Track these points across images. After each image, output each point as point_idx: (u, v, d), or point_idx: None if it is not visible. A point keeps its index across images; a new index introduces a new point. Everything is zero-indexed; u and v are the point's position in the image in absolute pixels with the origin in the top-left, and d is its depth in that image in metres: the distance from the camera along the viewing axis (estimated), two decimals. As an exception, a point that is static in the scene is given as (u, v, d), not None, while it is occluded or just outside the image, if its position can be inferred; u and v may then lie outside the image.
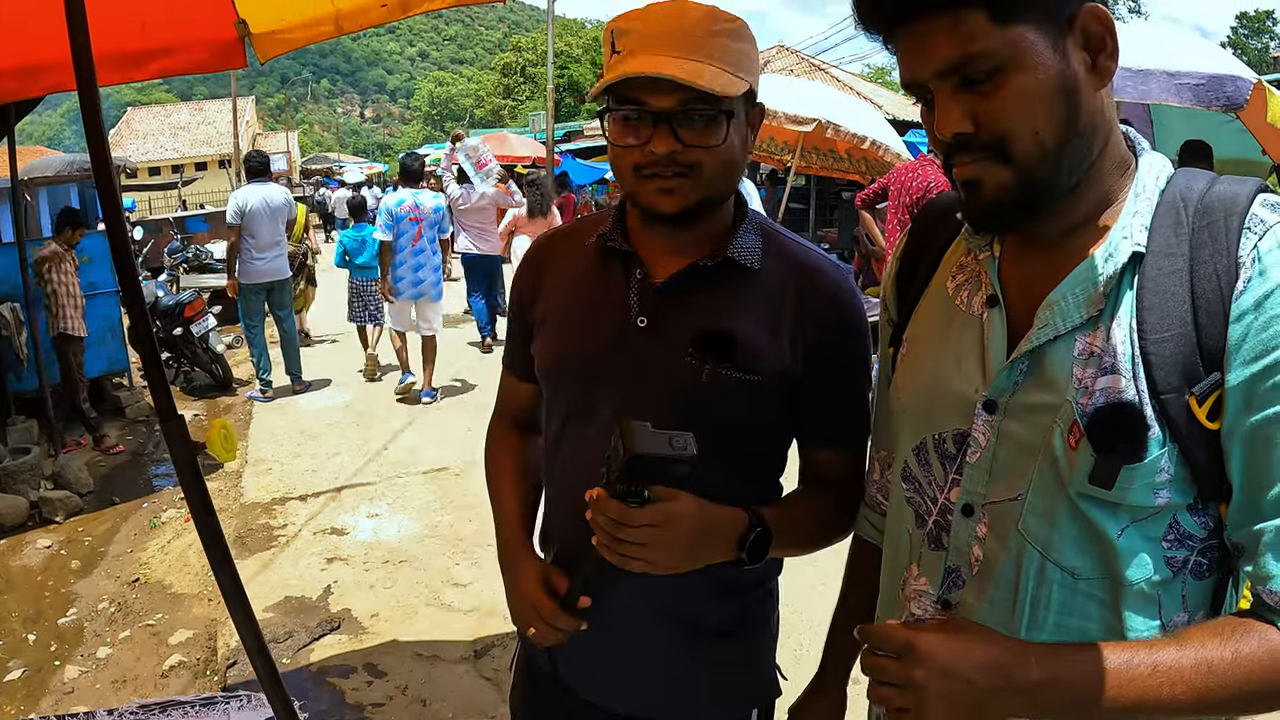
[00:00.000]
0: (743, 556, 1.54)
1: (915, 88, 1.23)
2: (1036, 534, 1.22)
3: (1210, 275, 1.12)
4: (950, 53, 1.14)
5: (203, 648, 4.71)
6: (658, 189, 1.55)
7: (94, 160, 2.20)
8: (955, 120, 1.17)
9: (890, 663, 1.16)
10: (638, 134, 1.54)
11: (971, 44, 1.12)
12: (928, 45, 1.16)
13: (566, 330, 1.73)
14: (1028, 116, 1.14)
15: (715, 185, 1.58)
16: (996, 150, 1.16)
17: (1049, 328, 1.21)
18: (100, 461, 7.73)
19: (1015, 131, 1.15)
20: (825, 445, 1.77)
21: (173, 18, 3.49)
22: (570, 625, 1.61)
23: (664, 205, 1.56)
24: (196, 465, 2.29)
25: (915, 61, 1.19)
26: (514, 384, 1.97)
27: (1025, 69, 1.12)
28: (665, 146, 1.51)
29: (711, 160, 1.54)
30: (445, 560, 5.57)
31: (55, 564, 5.85)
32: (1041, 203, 1.21)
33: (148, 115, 63.12)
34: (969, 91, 1.15)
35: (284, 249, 9.49)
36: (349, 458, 7.58)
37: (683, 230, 1.62)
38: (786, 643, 2.27)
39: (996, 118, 1.15)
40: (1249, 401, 1.09)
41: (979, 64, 1.13)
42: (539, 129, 23.65)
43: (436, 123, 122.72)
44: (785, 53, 23.55)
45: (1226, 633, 1.10)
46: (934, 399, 1.37)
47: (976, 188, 1.21)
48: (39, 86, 3.73)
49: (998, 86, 1.13)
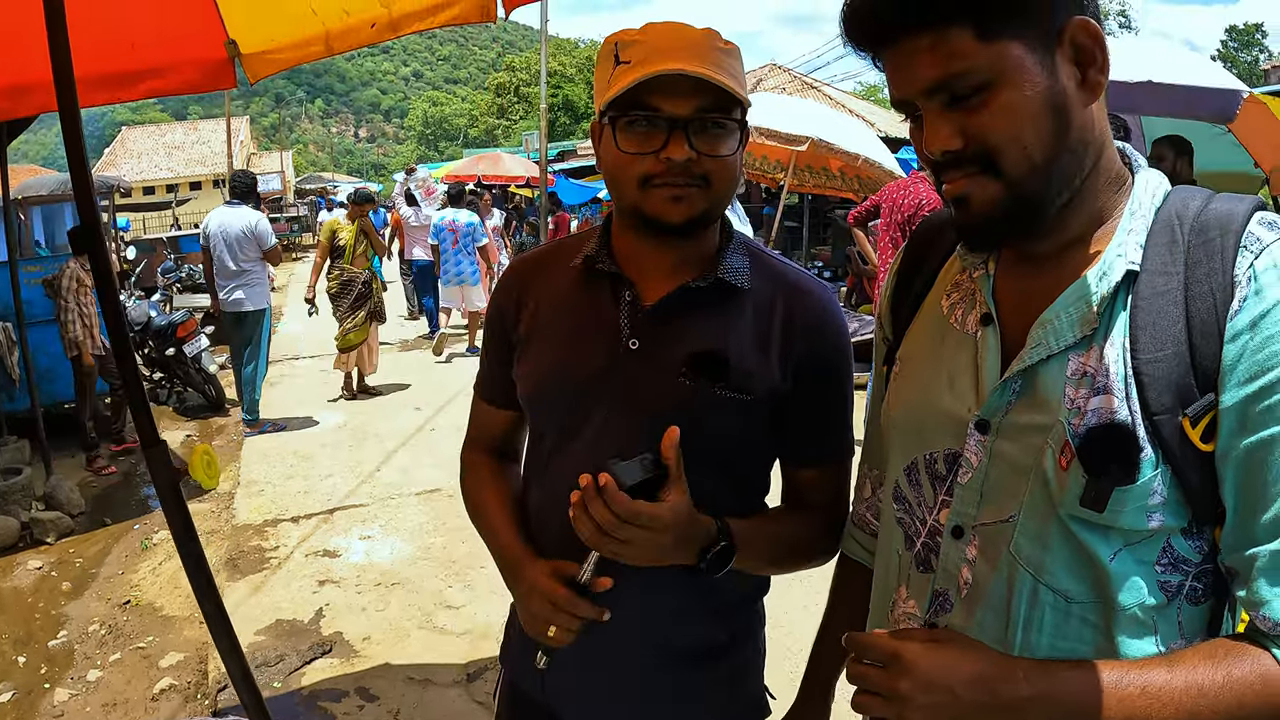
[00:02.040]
0: (701, 567, 1.53)
1: (904, 105, 1.22)
2: (1029, 556, 1.21)
3: (1205, 294, 1.11)
4: (936, 71, 1.14)
5: (194, 671, 4.67)
6: (669, 197, 1.53)
7: (74, 180, 2.21)
8: (944, 137, 1.16)
9: (875, 672, 1.15)
10: (650, 142, 1.52)
11: (957, 62, 1.12)
12: (914, 64, 1.16)
13: (554, 354, 1.71)
14: (1016, 131, 1.13)
15: (720, 198, 1.58)
16: (985, 165, 1.16)
17: (1042, 347, 1.20)
18: (92, 482, 7.69)
19: (1003, 146, 1.14)
20: (808, 464, 1.76)
21: (163, 38, 3.50)
22: (592, 612, 1.56)
23: (673, 214, 1.54)
24: (179, 491, 2.28)
25: (902, 80, 1.19)
26: (489, 412, 1.92)
27: (1013, 85, 1.12)
28: (683, 153, 1.50)
29: (721, 172, 1.55)
30: (438, 583, 5.54)
31: (46, 585, 5.81)
32: (1031, 217, 1.20)
33: (142, 134, 63.09)
34: (957, 109, 1.15)
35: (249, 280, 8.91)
36: (341, 479, 7.55)
37: (680, 246, 1.62)
38: (782, 665, 2.25)
39: (984, 133, 1.14)
40: (1243, 423, 1.08)
41: (965, 81, 1.12)
42: (533, 148, 23.68)
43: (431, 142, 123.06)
44: (778, 71, 23.61)
45: (1219, 656, 1.09)
46: (926, 418, 1.36)
47: (966, 203, 1.20)
48: (29, 106, 3.74)
49: (985, 102, 1.13)
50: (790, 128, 8.95)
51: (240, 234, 8.72)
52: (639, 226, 1.62)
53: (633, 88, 1.49)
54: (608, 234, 1.73)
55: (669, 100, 1.50)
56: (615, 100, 1.52)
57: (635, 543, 1.43)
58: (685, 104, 1.49)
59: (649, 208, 1.56)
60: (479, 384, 1.93)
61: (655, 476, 1.45)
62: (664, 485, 1.46)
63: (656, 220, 1.56)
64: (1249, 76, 33.91)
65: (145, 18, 3.37)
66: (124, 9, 3.26)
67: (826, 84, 24.99)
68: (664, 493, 1.45)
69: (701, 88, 1.49)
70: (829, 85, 24.97)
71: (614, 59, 1.54)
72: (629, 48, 1.53)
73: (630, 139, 1.54)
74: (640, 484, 1.42)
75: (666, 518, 1.44)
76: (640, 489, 1.42)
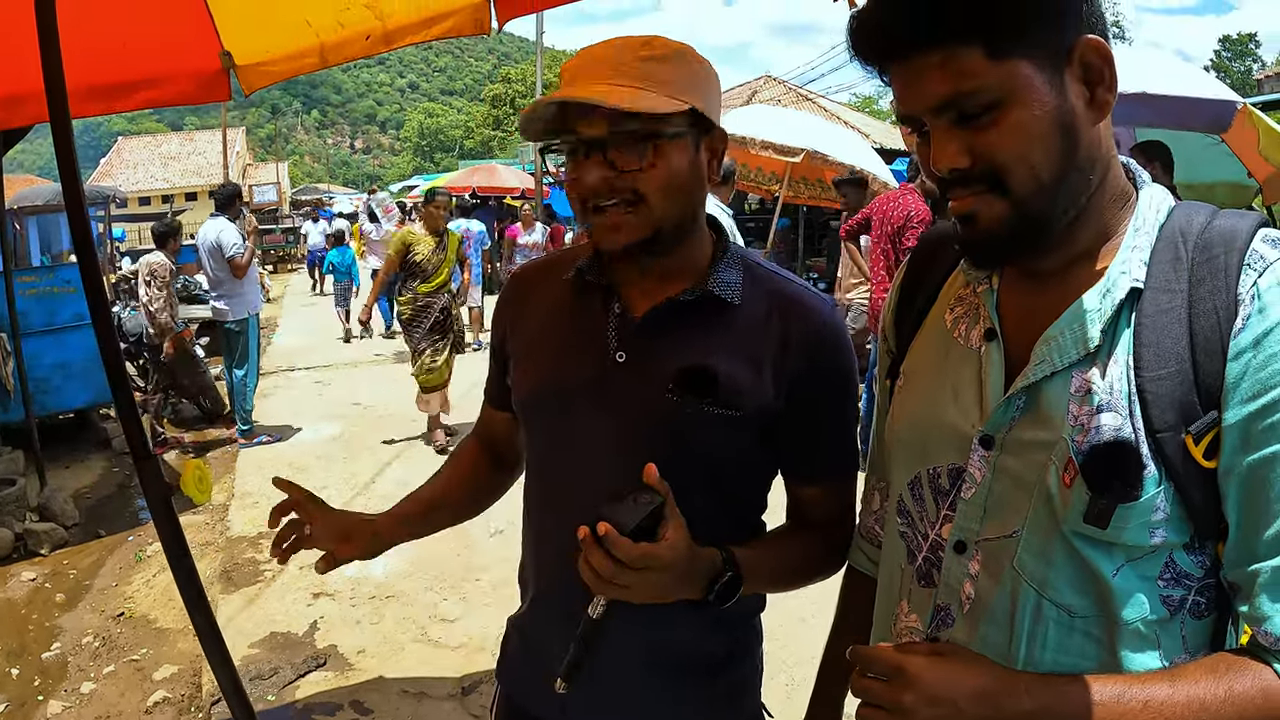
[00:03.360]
0: (710, 599, 1.52)
1: (911, 120, 1.21)
2: (1032, 572, 1.20)
3: (1209, 312, 1.11)
4: (945, 89, 1.13)
5: (187, 684, 4.66)
6: (606, 225, 1.53)
7: (66, 190, 2.20)
8: (951, 155, 1.16)
9: (879, 685, 1.15)
10: (578, 167, 1.53)
11: (967, 80, 1.11)
12: (923, 80, 1.15)
13: (543, 364, 1.71)
14: (1024, 150, 1.12)
15: (666, 214, 1.54)
16: (993, 183, 1.15)
17: (1046, 363, 1.20)
18: (86, 494, 7.67)
19: (1011, 165, 1.13)
20: (811, 481, 1.74)
21: (157, 49, 3.50)
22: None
23: (609, 242, 1.54)
24: (171, 505, 2.28)
25: (910, 96, 1.18)
26: (490, 411, 1.98)
27: (1022, 104, 1.11)
28: (595, 174, 1.49)
29: (651, 185, 1.51)
30: (432, 596, 5.52)
31: (40, 597, 5.79)
32: (1037, 236, 1.19)
33: (138, 145, 63.19)
34: (965, 127, 1.14)
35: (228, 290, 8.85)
36: (336, 491, 7.51)
37: (648, 264, 1.61)
38: (776, 678, 2.23)
39: (993, 152, 1.13)
40: (1246, 441, 1.08)
41: (975, 100, 1.12)
42: (528, 160, 23.77)
43: (426, 154, 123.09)
44: (773, 83, 23.65)
45: (1221, 670, 1.09)
46: (929, 433, 1.36)
47: (973, 221, 1.19)
48: (24, 116, 3.74)
49: (994, 121, 1.12)
50: (785, 139, 8.98)
51: (213, 245, 8.80)
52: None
53: (563, 113, 1.50)
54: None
55: (583, 123, 1.49)
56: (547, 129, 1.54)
57: (639, 585, 1.41)
58: (597, 125, 1.48)
59: (595, 235, 1.56)
60: (486, 385, 1.97)
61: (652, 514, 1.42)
62: (661, 522, 1.43)
63: (601, 248, 1.57)
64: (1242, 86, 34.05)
65: (140, 29, 3.37)
66: (119, 20, 3.25)
67: (821, 95, 25.05)
68: (662, 529, 1.43)
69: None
70: (824, 97, 25.03)
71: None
72: (564, 74, 1.55)
73: (567, 165, 1.55)
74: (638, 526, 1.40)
75: (667, 557, 1.42)
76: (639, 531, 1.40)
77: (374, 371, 12.60)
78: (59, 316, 8.60)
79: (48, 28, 2.35)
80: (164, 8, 3.32)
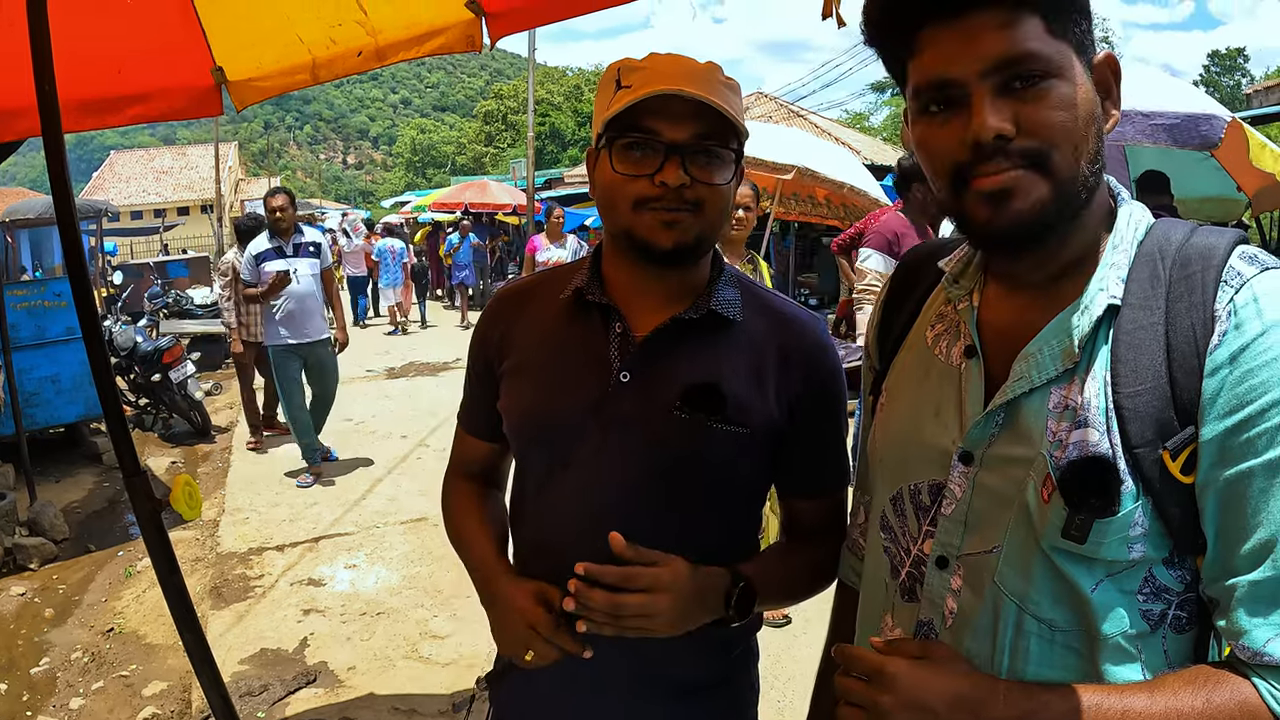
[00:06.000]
0: (730, 614, 1.52)
1: (941, 87, 1.17)
2: (1013, 587, 1.21)
3: (1186, 329, 1.12)
4: (1004, 47, 1.11)
5: (177, 700, 4.63)
6: (661, 221, 1.52)
7: (57, 204, 2.20)
8: (1001, 118, 1.12)
9: (859, 685, 1.17)
10: (645, 165, 1.51)
11: (1028, 42, 1.10)
12: (979, 39, 1.12)
13: (542, 386, 1.68)
14: (1072, 128, 1.12)
15: (712, 227, 1.57)
16: (1035, 161, 1.12)
17: (1024, 380, 1.20)
18: (76, 508, 7.64)
19: (1059, 141, 1.12)
20: (808, 495, 1.76)
21: (149, 64, 3.50)
22: (573, 647, 1.52)
23: (663, 239, 1.53)
24: (160, 522, 2.26)
25: (959, 55, 1.13)
26: (472, 444, 1.91)
27: (1073, 83, 1.12)
28: (677, 178, 1.49)
29: (714, 200, 1.54)
30: (423, 612, 5.50)
31: (29, 612, 5.76)
32: (1062, 225, 1.18)
33: (130, 159, 63.12)
34: (1013, 96, 1.12)
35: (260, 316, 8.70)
36: (327, 507, 7.50)
37: (671, 276, 1.62)
38: (768, 694, 2.23)
39: (1042, 123, 1.12)
40: (1222, 456, 1.08)
41: (1032, 64, 1.11)
42: (520, 176, 23.83)
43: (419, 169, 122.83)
44: (764, 99, 23.78)
45: (1200, 682, 1.10)
46: (910, 449, 1.37)
47: (1006, 199, 1.14)
48: (15, 131, 3.73)
49: (1044, 94, 1.11)
50: (777, 156, 8.98)
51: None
52: (629, 251, 1.60)
53: (632, 109, 1.49)
54: (598, 264, 1.71)
55: (666, 124, 1.49)
56: (613, 121, 1.52)
57: (651, 611, 1.42)
58: (683, 129, 1.49)
59: (640, 231, 1.54)
60: (461, 414, 1.92)
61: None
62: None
63: (646, 244, 1.55)
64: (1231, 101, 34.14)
65: (132, 44, 3.37)
66: (111, 35, 3.26)
67: (812, 112, 25.15)
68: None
69: (699, 114, 1.49)
70: (814, 113, 25.13)
71: (615, 84, 1.54)
72: (631, 74, 1.53)
73: (626, 161, 1.53)
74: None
75: (666, 576, 1.43)
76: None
77: (366, 388, 12.57)
78: (50, 330, 8.56)
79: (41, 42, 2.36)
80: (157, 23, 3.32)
